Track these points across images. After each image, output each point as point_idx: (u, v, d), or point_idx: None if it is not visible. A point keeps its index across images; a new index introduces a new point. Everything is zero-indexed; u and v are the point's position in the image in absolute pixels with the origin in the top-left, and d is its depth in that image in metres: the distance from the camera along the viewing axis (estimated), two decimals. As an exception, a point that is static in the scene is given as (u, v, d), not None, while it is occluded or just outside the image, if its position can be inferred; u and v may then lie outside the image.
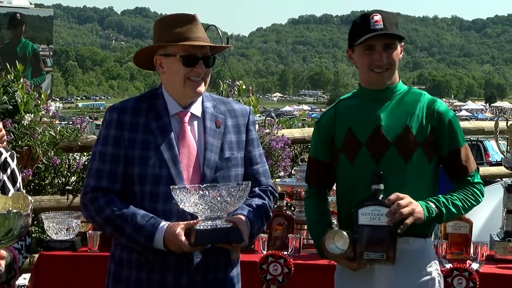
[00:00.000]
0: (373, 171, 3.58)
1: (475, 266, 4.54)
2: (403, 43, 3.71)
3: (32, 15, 12.22)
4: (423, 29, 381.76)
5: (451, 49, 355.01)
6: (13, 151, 3.57)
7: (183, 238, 3.31)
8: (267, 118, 6.59)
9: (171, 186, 3.34)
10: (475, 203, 3.68)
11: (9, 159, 3.52)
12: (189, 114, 3.56)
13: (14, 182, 3.54)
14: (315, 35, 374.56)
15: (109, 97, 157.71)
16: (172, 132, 3.51)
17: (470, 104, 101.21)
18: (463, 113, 71.32)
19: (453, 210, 3.58)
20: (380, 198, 3.48)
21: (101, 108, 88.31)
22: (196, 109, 3.58)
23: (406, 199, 3.46)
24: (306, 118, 14.06)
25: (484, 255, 4.71)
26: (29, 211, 3.12)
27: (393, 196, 3.46)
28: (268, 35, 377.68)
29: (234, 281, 3.63)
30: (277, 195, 3.84)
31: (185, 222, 3.37)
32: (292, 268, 4.66)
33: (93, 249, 4.95)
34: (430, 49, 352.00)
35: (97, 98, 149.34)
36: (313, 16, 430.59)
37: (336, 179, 3.79)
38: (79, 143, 6.55)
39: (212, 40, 6.32)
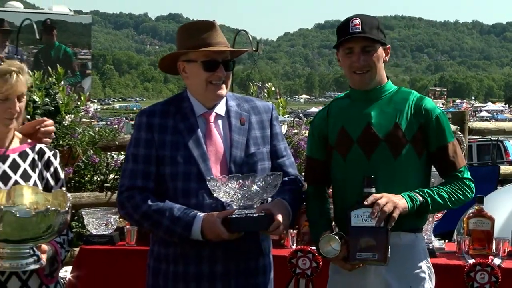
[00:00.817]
0: (365, 166, 3.60)
1: (497, 261, 4.49)
2: (389, 46, 3.72)
3: (72, 22, 12.30)
4: (445, 33, 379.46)
5: (471, 52, 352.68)
6: (56, 150, 3.63)
7: (221, 226, 3.34)
8: (295, 119, 6.59)
9: (207, 177, 3.40)
10: (463, 198, 3.66)
11: (52, 158, 3.58)
12: (214, 114, 3.61)
13: (56, 180, 3.58)
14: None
15: (144, 99, 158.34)
16: (199, 131, 3.56)
17: (490, 106, 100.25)
18: (484, 114, 70.79)
19: (439, 200, 3.57)
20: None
21: (135, 109, 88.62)
22: (220, 109, 3.62)
23: (383, 197, 3.45)
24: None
25: (506, 251, 4.64)
26: (67, 208, 3.16)
27: (370, 198, 3.46)
28: (295, 39, 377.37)
29: (266, 269, 3.66)
30: (305, 184, 3.82)
31: (220, 212, 3.41)
32: (320, 263, 4.65)
33: (131, 243, 4.96)
34: (451, 52, 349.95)
35: (133, 99, 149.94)
36: (338, 21, 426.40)
37: (331, 176, 3.78)
38: (117, 142, 6.60)
39: (242, 44, 6.32)
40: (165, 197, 3.52)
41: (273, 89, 6.35)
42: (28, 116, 5.86)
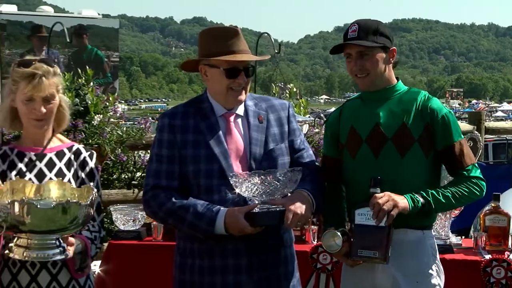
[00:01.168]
0: (373, 164, 3.60)
1: (512, 256, 4.48)
2: (392, 48, 3.68)
3: (101, 25, 12.36)
4: (461, 36, 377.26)
5: (487, 54, 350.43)
6: (92, 151, 3.63)
7: (244, 220, 3.37)
8: (316, 119, 6.62)
9: (230, 174, 3.43)
10: (470, 196, 3.61)
11: (87, 159, 3.60)
12: (233, 114, 3.63)
13: (91, 180, 3.57)
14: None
15: (170, 99, 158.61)
16: (220, 130, 3.57)
17: (506, 106, 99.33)
18: (499, 113, 70.19)
19: (443, 200, 3.54)
20: None
21: (159, 109, 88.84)
22: (239, 109, 3.65)
23: (384, 196, 3.45)
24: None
25: None
26: (88, 202, 3.16)
27: (372, 199, 3.46)
28: (316, 41, 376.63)
29: (288, 260, 3.67)
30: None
31: (243, 207, 3.43)
32: (341, 258, 4.66)
33: (157, 238, 4.98)
34: (467, 54, 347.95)
35: (159, 100, 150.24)
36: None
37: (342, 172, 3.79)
38: (144, 141, 6.62)
39: (264, 46, 6.30)
40: (188, 194, 3.53)
41: (294, 90, 6.36)
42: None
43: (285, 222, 3.42)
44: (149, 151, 6.94)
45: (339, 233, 3.51)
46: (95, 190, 3.29)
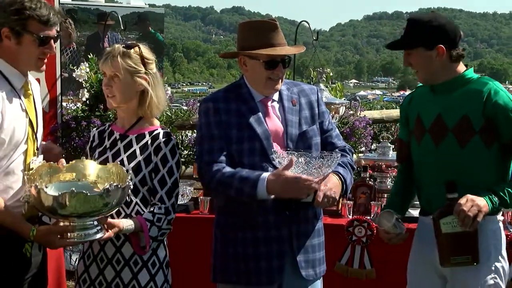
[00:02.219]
0: (434, 153, 3.50)
1: (513, 229, 4.44)
2: (439, 46, 3.45)
3: (147, 13, 12.39)
4: (484, 23, 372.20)
5: (508, 41, 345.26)
6: (171, 137, 3.56)
7: (287, 171, 3.37)
8: (352, 102, 6.61)
9: (273, 150, 3.46)
10: None
11: (162, 144, 3.48)
12: (269, 99, 3.65)
13: (164, 165, 3.48)
14: (387, 29, 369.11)
15: (210, 83, 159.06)
16: (260, 113, 3.59)
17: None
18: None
19: None
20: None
21: (198, 92, 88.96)
22: (275, 94, 3.67)
23: (468, 202, 3.32)
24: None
25: None
26: (127, 183, 3.16)
27: (456, 207, 3.33)
28: (346, 29, 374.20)
29: (320, 232, 3.72)
30: (352, 153, 3.86)
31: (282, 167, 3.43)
32: (375, 231, 4.66)
33: (204, 211, 5.03)
34: (489, 41, 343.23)
35: (200, 84, 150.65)
36: (385, 13, 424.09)
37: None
38: (191, 122, 6.64)
39: (299, 34, 6.23)
40: None
41: (331, 74, 6.33)
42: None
43: (315, 201, 3.44)
44: (195, 130, 7.02)
45: (394, 218, 3.56)
46: (130, 173, 3.29)
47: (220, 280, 3.69)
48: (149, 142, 3.49)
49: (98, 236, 3.19)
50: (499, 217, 3.59)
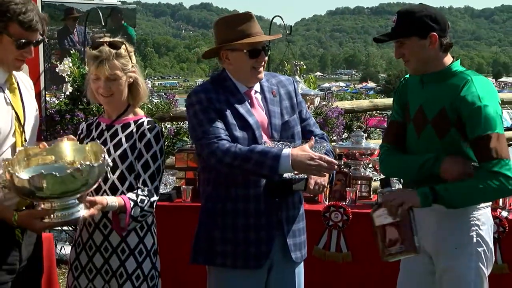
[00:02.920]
0: (415, 143, 3.50)
1: (504, 214, 4.50)
2: (432, 33, 3.39)
3: (120, 9, 12.30)
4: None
5: (463, 34, 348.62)
6: (155, 124, 3.53)
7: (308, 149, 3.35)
8: (326, 92, 6.65)
9: (263, 141, 3.46)
10: (490, 191, 3.27)
11: (146, 131, 3.45)
12: (253, 91, 3.62)
13: (148, 150, 3.46)
14: (349, 24, 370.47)
15: (180, 77, 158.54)
16: (248, 104, 3.57)
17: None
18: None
19: (457, 197, 3.30)
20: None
21: (168, 85, 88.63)
22: (256, 85, 3.64)
23: (392, 194, 3.37)
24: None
25: (511, 204, 4.65)
26: (100, 161, 3.08)
27: (383, 199, 3.39)
28: (310, 24, 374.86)
29: (303, 216, 3.71)
30: (328, 140, 3.85)
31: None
32: (350, 216, 4.69)
33: (186, 200, 5.01)
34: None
35: (170, 77, 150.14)
36: (347, 8, 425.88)
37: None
38: (171, 114, 6.61)
39: (265, 29, 6.28)
40: None
41: (304, 67, 6.34)
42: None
43: (307, 189, 3.45)
44: (174, 122, 7.00)
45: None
46: (105, 153, 3.17)
47: (202, 261, 3.63)
48: (134, 130, 3.47)
49: (80, 214, 3.12)
50: (486, 203, 3.50)
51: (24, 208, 3.30)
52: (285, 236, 3.57)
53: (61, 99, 6.08)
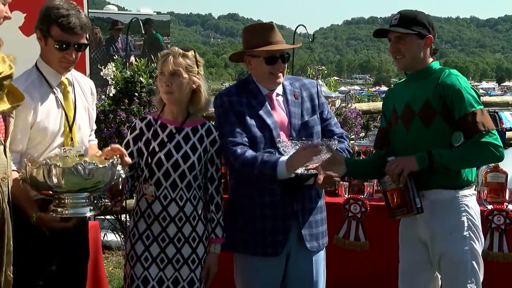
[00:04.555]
0: (405, 135, 3.54)
1: (510, 207, 4.45)
2: (429, 36, 3.54)
3: (156, 20, 12.43)
4: (448, 27, 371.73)
5: (469, 42, 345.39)
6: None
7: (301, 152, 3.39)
8: (346, 95, 6.64)
9: (278, 140, 3.46)
10: (480, 158, 3.46)
11: (217, 137, 3.55)
12: (275, 93, 3.63)
13: (218, 155, 3.59)
14: (363, 32, 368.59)
15: (209, 81, 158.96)
16: (268, 106, 3.57)
17: (484, 84, 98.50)
18: (480, 91, 69.37)
19: (449, 158, 3.38)
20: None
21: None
22: (278, 89, 3.65)
23: (394, 162, 3.45)
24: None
25: None
26: (106, 165, 3.06)
27: (386, 167, 3.48)
28: (328, 32, 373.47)
29: (322, 208, 3.73)
30: (348, 139, 3.85)
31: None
32: (368, 208, 4.67)
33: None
34: (453, 42, 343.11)
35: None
36: (362, 18, 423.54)
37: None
38: (204, 114, 6.60)
39: (286, 37, 6.26)
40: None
41: (325, 71, 6.33)
42: (137, 94, 5.92)
43: (316, 183, 3.44)
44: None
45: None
46: (117, 159, 3.15)
47: (227, 248, 3.64)
48: (204, 134, 3.51)
49: (89, 214, 3.15)
50: (470, 191, 3.57)
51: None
52: (300, 227, 3.58)
53: (104, 100, 6.11)
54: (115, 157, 3.15)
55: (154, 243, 3.43)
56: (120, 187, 3.29)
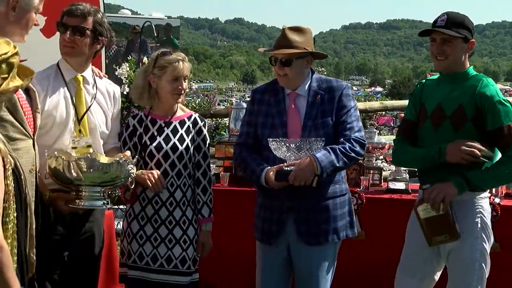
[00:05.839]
0: (433, 136, 3.43)
1: (497, 200, 4.42)
2: (472, 40, 3.44)
3: (167, 23, 12.49)
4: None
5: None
6: (205, 121, 3.72)
7: (272, 177, 3.41)
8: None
9: (269, 139, 3.41)
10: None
11: (202, 127, 3.67)
12: (295, 93, 3.57)
13: (204, 144, 3.66)
14: (360, 37, 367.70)
15: (216, 81, 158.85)
16: (284, 105, 3.55)
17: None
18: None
19: (486, 180, 3.33)
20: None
21: (207, 88, 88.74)
22: (302, 89, 3.57)
23: (434, 190, 3.31)
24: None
25: (503, 192, 4.58)
26: (125, 160, 3.14)
27: (424, 196, 3.34)
28: (327, 36, 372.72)
29: (328, 207, 3.59)
30: (362, 141, 3.58)
31: (274, 166, 3.44)
32: (364, 200, 4.65)
33: (224, 184, 5.00)
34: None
35: (207, 81, 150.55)
36: (359, 23, 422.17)
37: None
38: (211, 111, 6.62)
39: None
40: (260, 149, 3.59)
41: (325, 73, 6.31)
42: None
43: (289, 179, 3.38)
44: (213, 119, 7.02)
45: None
46: (130, 157, 3.26)
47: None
48: (190, 126, 3.62)
49: (102, 206, 3.22)
50: (486, 194, 3.51)
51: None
52: (297, 222, 3.53)
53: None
54: (122, 155, 3.20)
55: (148, 224, 3.55)
56: (133, 183, 3.37)
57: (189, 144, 3.58)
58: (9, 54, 2.25)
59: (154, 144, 3.53)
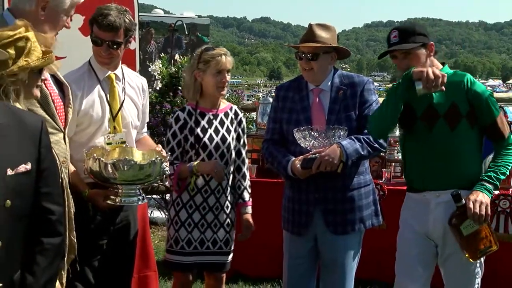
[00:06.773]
0: (427, 137, 3.27)
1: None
2: (431, 43, 3.26)
3: (197, 23, 12.54)
4: (458, 30, 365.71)
5: (477, 44, 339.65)
6: (244, 112, 3.72)
7: (298, 166, 3.37)
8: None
9: (293, 130, 3.37)
10: None
11: (242, 118, 3.81)
12: (319, 89, 3.52)
13: (243, 133, 3.78)
14: (382, 35, 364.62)
15: (243, 77, 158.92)
16: (308, 101, 3.50)
17: (491, 81, 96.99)
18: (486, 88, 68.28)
19: (502, 177, 3.23)
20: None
21: (235, 84, 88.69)
22: (325, 85, 3.52)
23: (475, 203, 3.12)
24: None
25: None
26: (159, 159, 3.12)
27: (469, 212, 3.13)
28: (350, 34, 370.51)
29: (353, 198, 3.54)
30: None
31: (300, 157, 3.41)
32: (386, 191, 4.62)
33: (252, 176, 4.99)
34: (462, 43, 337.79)
35: (235, 77, 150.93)
36: (381, 21, 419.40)
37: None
38: (240, 106, 6.60)
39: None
40: (285, 144, 3.58)
41: (348, 69, 6.24)
42: (180, 87, 5.91)
43: (313, 167, 3.34)
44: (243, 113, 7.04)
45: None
46: (164, 153, 3.25)
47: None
48: (233, 117, 3.71)
49: (138, 202, 3.23)
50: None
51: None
52: (325, 213, 3.50)
53: (151, 93, 6.13)
54: (157, 155, 3.19)
55: (196, 211, 3.62)
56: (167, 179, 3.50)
57: (234, 135, 3.68)
58: (16, 37, 2.17)
59: (207, 136, 3.59)
